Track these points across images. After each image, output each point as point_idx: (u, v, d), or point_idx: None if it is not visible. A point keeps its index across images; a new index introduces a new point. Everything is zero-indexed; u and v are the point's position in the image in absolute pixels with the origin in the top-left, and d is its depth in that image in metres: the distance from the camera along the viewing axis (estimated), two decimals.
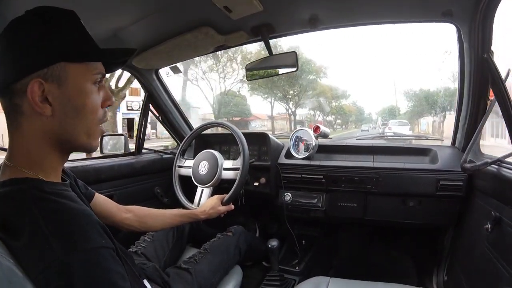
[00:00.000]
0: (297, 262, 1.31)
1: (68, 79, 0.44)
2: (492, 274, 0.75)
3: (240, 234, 1.08)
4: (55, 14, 0.44)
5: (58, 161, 0.48)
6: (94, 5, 0.73)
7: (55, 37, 0.43)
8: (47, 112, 0.43)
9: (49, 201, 0.42)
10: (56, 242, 0.38)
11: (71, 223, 0.41)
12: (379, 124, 20.71)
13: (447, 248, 1.17)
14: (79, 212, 0.43)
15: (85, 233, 0.40)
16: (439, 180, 1.05)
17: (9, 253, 0.39)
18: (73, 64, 0.44)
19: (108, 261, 0.41)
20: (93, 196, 0.72)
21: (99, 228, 0.43)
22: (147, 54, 1.09)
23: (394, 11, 0.90)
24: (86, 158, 1.20)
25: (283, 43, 12.43)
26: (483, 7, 0.72)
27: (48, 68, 0.42)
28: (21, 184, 0.42)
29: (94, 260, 0.39)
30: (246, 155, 1.10)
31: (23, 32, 0.43)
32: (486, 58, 0.80)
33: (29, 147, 0.44)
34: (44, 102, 0.42)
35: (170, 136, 1.61)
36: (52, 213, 0.41)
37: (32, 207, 0.40)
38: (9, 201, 0.41)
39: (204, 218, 0.97)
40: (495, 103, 0.81)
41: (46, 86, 0.42)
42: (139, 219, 0.82)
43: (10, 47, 0.43)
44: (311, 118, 19.60)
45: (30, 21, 0.43)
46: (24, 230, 0.39)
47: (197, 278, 0.83)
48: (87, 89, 0.46)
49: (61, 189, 0.46)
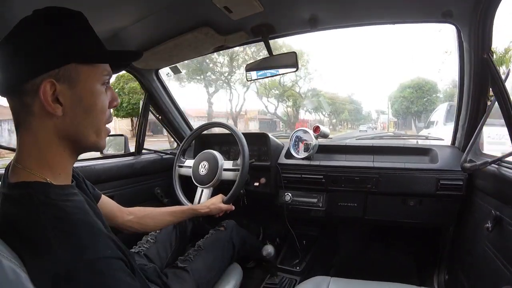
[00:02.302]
0: (298, 262, 1.31)
1: (79, 80, 0.44)
2: (493, 273, 0.75)
3: (232, 228, 1.08)
4: (65, 15, 0.45)
5: (67, 161, 0.48)
6: (95, 5, 0.73)
7: (67, 39, 0.44)
8: (58, 112, 0.43)
9: (56, 208, 0.42)
10: (61, 251, 0.38)
11: (77, 232, 0.41)
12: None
13: (447, 247, 1.17)
14: (84, 223, 0.42)
15: (90, 243, 0.40)
16: (439, 179, 1.05)
17: (14, 255, 0.39)
18: (84, 65, 0.45)
19: (116, 270, 0.40)
20: (100, 198, 0.72)
21: (105, 238, 0.43)
22: (147, 54, 1.08)
23: (394, 11, 0.90)
24: (86, 159, 1.20)
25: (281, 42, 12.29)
26: (483, 8, 0.72)
27: (59, 69, 0.43)
28: (29, 189, 0.42)
29: (100, 269, 0.39)
30: (246, 155, 1.10)
31: (35, 33, 0.43)
32: (486, 58, 0.81)
33: (39, 148, 0.44)
34: (55, 102, 0.43)
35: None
36: (59, 221, 0.40)
37: (39, 213, 0.40)
38: (18, 205, 0.42)
39: (205, 213, 0.97)
40: (495, 103, 0.81)
41: (58, 86, 0.42)
42: (139, 220, 0.82)
43: (21, 47, 0.43)
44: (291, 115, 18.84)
45: (41, 22, 0.43)
46: (31, 235, 0.39)
47: (194, 276, 0.83)
48: (97, 90, 0.47)
49: (69, 193, 0.46)
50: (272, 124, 20.62)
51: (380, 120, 24.50)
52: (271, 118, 20.13)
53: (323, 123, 19.46)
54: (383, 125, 23.10)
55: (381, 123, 24.41)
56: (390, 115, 20.27)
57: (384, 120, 23.03)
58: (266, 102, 17.76)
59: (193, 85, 14.24)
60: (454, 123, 1.14)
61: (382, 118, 23.91)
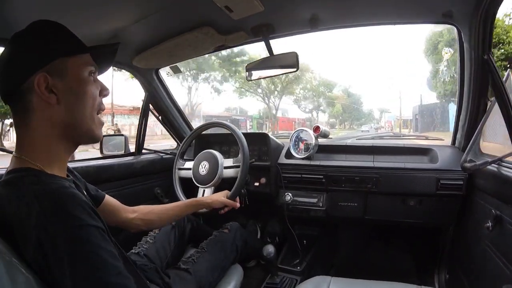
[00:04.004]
0: (298, 262, 1.31)
1: (68, 71, 0.51)
2: (494, 272, 0.76)
3: (236, 231, 1.08)
4: (49, 25, 0.52)
5: (64, 152, 0.53)
6: (95, 6, 0.73)
7: (53, 41, 0.51)
8: (53, 101, 0.49)
9: (44, 184, 0.46)
10: (47, 220, 0.41)
11: (62, 203, 0.44)
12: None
13: (447, 247, 1.17)
14: (70, 195, 0.46)
15: (74, 212, 0.43)
16: (439, 179, 1.05)
17: (14, 255, 0.39)
18: (70, 58, 0.51)
19: (98, 238, 0.43)
20: (103, 198, 0.75)
21: (89, 210, 0.45)
22: (147, 54, 1.08)
23: (395, 12, 0.90)
24: (86, 159, 1.19)
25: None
26: (484, 8, 0.73)
27: (50, 64, 0.49)
28: (22, 172, 0.47)
29: (84, 236, 0.42)
30: (246, 155, 1.10)
31: (27, 41, 0.50)
32: (486, 59, 0.81)
33: (37, 139, 0.49)
34: (50, 93, 0.49)
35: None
36: (45, 195, 0.44)
37: (28, 189, 0.44)
38: (8, 186, 0.46)
39: (207, 204, 0.97)
40: (495, 104, 0.82)
41: (50, 80, 0.48)
42: (144, 216, 0.83)
43: (17, 54, 0.50)
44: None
45: (31, 33, 0.51)
46: (19, 210, 0.43)
47: (196, 277, 0.83)
48: (85, 78, 0.53)
49: (59, 179, 0.49)
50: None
51: (385, 119, 22.43)
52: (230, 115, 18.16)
53: (315, 123, 17.43)
54: (389, 125, 21.17)
55: (386, 122, 22.41)
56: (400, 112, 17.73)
57: (389, 118, 21.16)
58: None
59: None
60: (454, 123, 1.14)
61: (387, 117, 21.73)
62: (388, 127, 21.05)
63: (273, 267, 1.21)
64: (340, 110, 18.56)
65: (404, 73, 37.23)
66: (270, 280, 1.20)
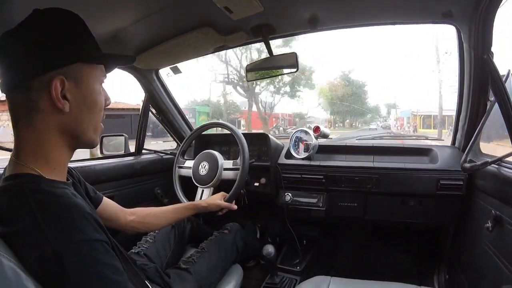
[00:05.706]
0: (298, 262, 1.31)
1: (83, 79, 0.47)
2: (493, 273, 0.75)
3: (236, 231, 1.08)
4: (66, 16, 0.47)
5: (64, 157, 0.50)
6: (95, 6, 0.73)
7: (75, 39, 0.47)
8: (66, 108, 0.45)
9: (44, 193, 0.43)
10: (50, 232, 0.39)
11: (66, 215, 0.42)
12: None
13: (447, 247, 1.17)
14: (73, 206, 0.44)
15: (79, 225, 0.42)
16: (439, 179, 1.05)
17: (10, 252, 0.39)
18: (87, 65, 0.48)
19: (101, 253, 0.42)
20: (101, 200, 0.74)
21: (93, 222, 0.44)
22: (147, 54, 1.09)
23: (394, 12, 0.91)
24: (86, 159, 1.19)
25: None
26: (483, 8, 0.72)
27: (67, 67, 0.45)
28: (20, 179, 0.44)
29: (87, 252, 0.41)
30: (246, 155, 1.10)
31: (42, 32, 0.45)
32: (486, 59, 0.81)
33: (38, 142, 0.46)
34: (63, 99, 0.45)
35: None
36: (47, 204, 0.42)
37: (28, 198, 0.42)
38: (7, 194, 0.44)
39: (203, 208, 0.97)
40: (495, 104, 0.81)
41: (67, 84, 0.45)
42: (142, 219, 0.82)
43: (29, 44, 0.44)
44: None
45: (46, 21, 0.45)
46: (20, 219, 0.41)
47: (196, 277, 0.83)
48: (97, 88, 0.50)
49: (60, 187, 0.47)
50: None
51: (393, 116, 18.42)
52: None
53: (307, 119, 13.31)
54: (400, 122, 16.91)
55: (396, 119, 18.01)
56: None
57: (401, 115, 17.45)
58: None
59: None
60: (454, 123, 1.14)
61: (398, 113, 17.79)
62: (399, 126, 15.91)
63: (273, 267, 1.21)
64: (328, 97, 12.65)
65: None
66: (269, 280, 1.20)
